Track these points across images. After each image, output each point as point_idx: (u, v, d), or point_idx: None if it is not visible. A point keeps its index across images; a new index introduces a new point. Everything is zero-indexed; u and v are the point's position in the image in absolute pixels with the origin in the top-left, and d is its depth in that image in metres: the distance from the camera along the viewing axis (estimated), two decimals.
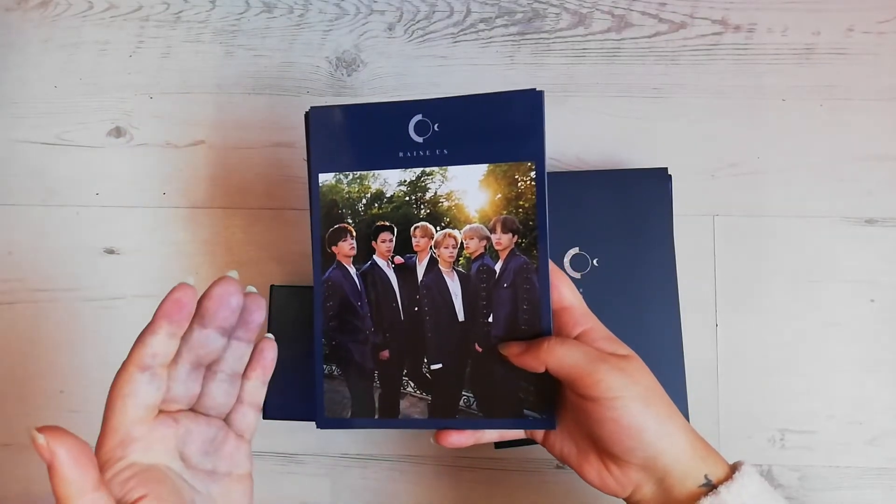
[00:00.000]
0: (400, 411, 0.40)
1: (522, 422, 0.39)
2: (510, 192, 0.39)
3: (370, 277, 0.40)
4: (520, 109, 0.39)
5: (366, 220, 0.40)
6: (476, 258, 0.40)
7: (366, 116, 0.40)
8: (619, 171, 0.53)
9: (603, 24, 0.57)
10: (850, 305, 0.53)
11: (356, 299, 0.40)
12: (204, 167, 0.57)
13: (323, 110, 0.40)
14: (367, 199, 0.41)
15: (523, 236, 0.39)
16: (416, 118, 0.40)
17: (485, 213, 0.39)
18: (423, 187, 0.40)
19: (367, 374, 0.40)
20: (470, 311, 0.40)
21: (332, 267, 0.41)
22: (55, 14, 0.59)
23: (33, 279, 0.56)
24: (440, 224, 0.40)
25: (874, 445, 0.51)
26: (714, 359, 0.53)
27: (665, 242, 0.50)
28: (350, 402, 0.41)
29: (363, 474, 0.53)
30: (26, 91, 0.58)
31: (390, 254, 0.40)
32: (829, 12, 0.56)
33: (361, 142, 0.40)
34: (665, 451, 0.36)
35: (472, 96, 0.39)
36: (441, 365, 0.40)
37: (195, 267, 0.55)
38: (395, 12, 0.58)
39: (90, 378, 0.54)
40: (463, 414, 0.40)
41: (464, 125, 0.39)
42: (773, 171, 0.55)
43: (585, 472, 0.39)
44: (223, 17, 0.59)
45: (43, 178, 0.57)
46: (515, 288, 0.39)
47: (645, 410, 0.35)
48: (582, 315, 0.39)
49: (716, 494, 0.35)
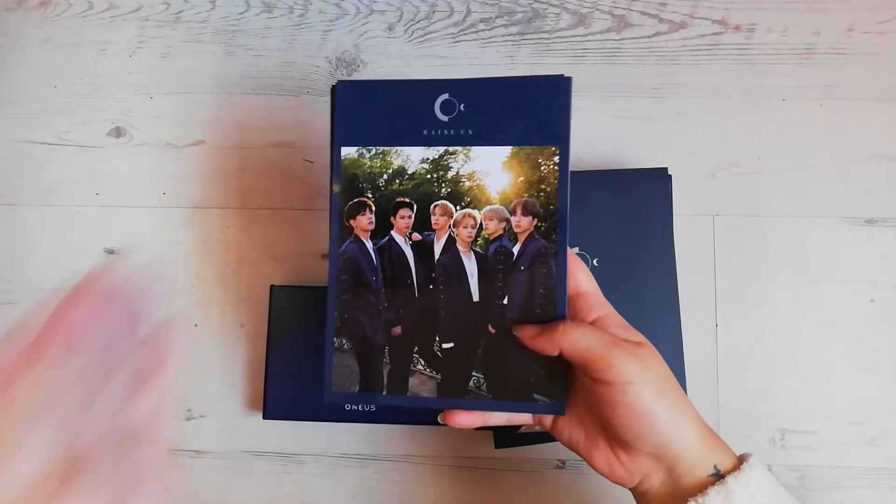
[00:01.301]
0: (409, 389, 0.40)
1: (532, 405, 0.39)
2: (533, 175, 0.39)
3: (387, 253, 0.40)
4: (547, 95, 0.39)
5: (386, 195, 0.40)
6: (494, 239, 0.40)
7: (392, 93, 0.40)
8: (619, 171, 0.53)
9: (603, 24, 0.57)
10: (849, 305, 0.53)
11: (371, 274, 0.40)
12: (204, 167, 0.57)
13: (350, 84, 0.41)
14: (388, 174, 0.40)
15: (543, 220, 0.39)
16: (443, 97, 0.40)
17: (506, 195, 0.39)
18: (445, 166, 0.40)
19: (378, 350, 0.40)
20: (485, 292, 0.40)
21: (350, 240, 0.41)
22: (55, 14, 0.59)
23: (33, 279, 0.56)
24: (460, 203, 0.40)
25: (874, 445, 0.51)
26: (714, 359, 0.53)
27: (665, 242, 0.50)
28: (358, 376, 0.40)
29: (363, 474, 0.53)
30: (26, 91, 0.58)
31: (408, 230, 0.40)
32: (829, 12, 0.56)
33: (386, 118, 0.40)
34: (676, 439, 0.36)
35: (500, 79, 0.40)
36: (453, 344, 0.40)
37: (195, 267, 0.55)
38: (395, 12, 0.58)
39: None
40: (472, 395, 0.40)
41: (490, 107, 0.39)
42: (773, 171, 0.55)
43: (594, 459, 0.38)
44: (223, 17, 0.59)
45: (43, 178, 0.57)
46: (532, 271, 0.39)
47: (658, 397, 0.36)
48: (597, 302, 0.39)
49: (723, 484, 0.35)
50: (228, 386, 0.54)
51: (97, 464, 0.29)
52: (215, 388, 0.54)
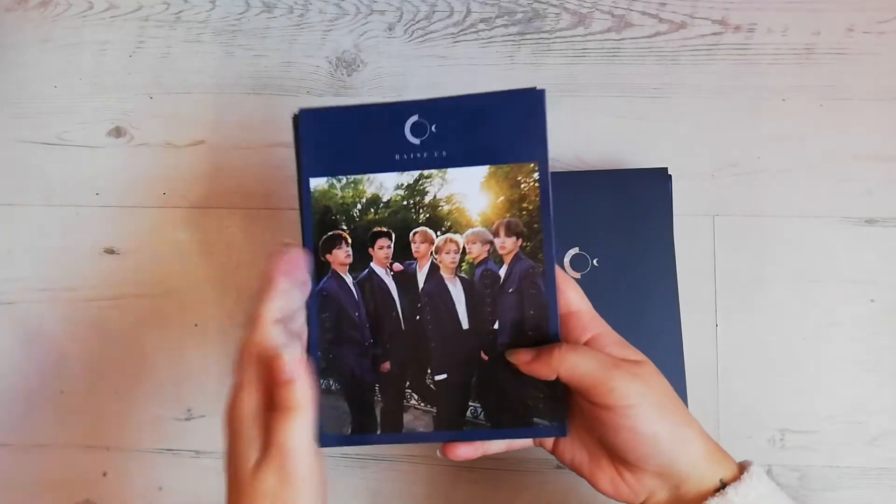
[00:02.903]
0: (404, 425, 0.39)
1: (532, 430, 0.38)
2: (513, 194, 0.38)
3: (368, 286, 0.39)
4: (520, 109, 0.37)
5: (362, 226, 0.39)
6: (479, 263, 0.38)
7: (359, 118, 0.38)
8: (619, 171, 0.53)
9: (603, 24, 0.57)
10: (850, 305, 0.53)
11: (353, 310, 0.39)
12: (204, 167, 0.57)
13: (312, 112, 0.38)
14: (362, 204, 0.39)
15: (528, 239, 0.38)
16: (413, 119, 0.38)
17: (487, 217, 0.38)
18: (421, 191, 0.39)
19: (368, 388, 0.39)
20: (474, 319, 0.39)
21: (327, 276, 0.39)
22: (55, 14, 0.59)
23: (33, 279, 0.56)
24: (441, 229, 0.39)
25: (874, 445, 0.51)
26: (714, 359, 0.53)
27: (665, 242, 0.50)
28: (350, 417, 0.39)
29: (363, 474, 0.53)
30: (26, 91, 0.58)
31: (389, 261, 0.39)
32: (829, 12, 0.56)
33: (355, 144, 0.38)
34: (680, 457, 0.35)
35: (469, 96, 0.38)
36: (446, 375, 0.39)
37: (195, 267, 0.55)
38: (395, 12, 0.58)
39: (90, 378, 0.54)
40: (470, 425, 0.38)
41: (462, 126, 0.38)
42: (773, 171, 0.55)
43: (598, 481, 0.38)
44: (223, 17, 0.59)
45: (43, 178, 0.57)
46: (521, 293, 0.38)
47: (660, 418, 0.35)
48: (590, 320, 0.38)
49: (723, 495, 0.35)
50: (228, 386, 0.54)
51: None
52: (215, 388, 0.54)
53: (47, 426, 0.54)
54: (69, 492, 0.53)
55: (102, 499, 0.53)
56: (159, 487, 0.53)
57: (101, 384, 0.54)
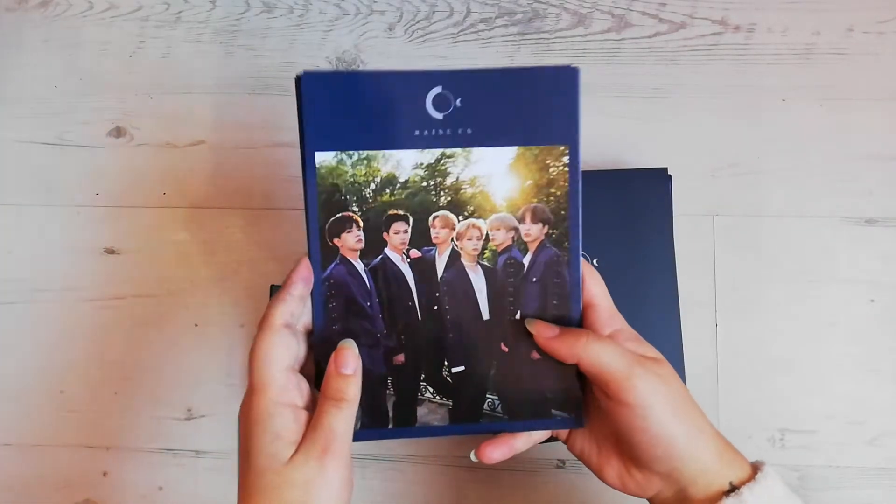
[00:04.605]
0: (417, 419, 0.37)
1: (550, 422, 0.38)
2: (541, 178, 0.35)
3: (381, 273, 0.36)
4: (553, 87, 0.35)
5: (375, 208, 0.35)
6: (503, 251, 0.36)
7: (374, 86, 0.34)
8: (619, 171, 0.53)
9: (603, 24, 0.57)
10: (849, 305, 0.53)
11: (364, 299, 0.36)
12: (204, 167, 0.57)
13: (319, 76, 0.34)
14: (376, 183, 0.35)
15: (554, 227, 0.36)
16: (436, 91, 0.34)
17: (513, 202, 0.36)
18: (443, 171, 0.35)
19: (380, 381, 0.37)
20: (495, 309, 0.37)
21: (335, 262, 0.36)
22: (55, 14, 0.59)
23: (33, 279, 0.56)
24: (463, 213, 0.36)
25: (874, 445, 0.51)
26: (714, 359, 0.53)
27: (665, 242, 0.50)
28: (360, 412, 0.36)
29: (363, 474, 0.53)
30: (26, 91, 0.58)
31: (405, 246, 0.36)
32: (829, 12, 0.56)
33: (369, 116, 0.34)
34: (692, 460, 0.35)
35: (499, 70, 0.35)
36: (463, 367, 0.37)
37: (195, 267, 0.55)
38: (395, 12, 0.58)
39: (90, 378, 0.54)
40: (486, 418, 0.37)
41: (490, 102, 0.35)
42: (773, 171, 0.55)
43: (605, 475, 0.38)
44: (223, 17, 0.59)
45: (43, 178, 0.57)
46: (545, 283, 0.36)
47: (675, 420, 0.35)
48: (610, 316, 0.37)
49: (738, 495, 0.34)
50: (228, 386, 0.54)
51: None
52: (215, 388, 0.54)
53: (47, 426, 0.54)
54: (69, 492, 0.53)
55: (102, 499, 0.53)
56: (159, 487, 0.53)
57: (101, 384, 0.54)
